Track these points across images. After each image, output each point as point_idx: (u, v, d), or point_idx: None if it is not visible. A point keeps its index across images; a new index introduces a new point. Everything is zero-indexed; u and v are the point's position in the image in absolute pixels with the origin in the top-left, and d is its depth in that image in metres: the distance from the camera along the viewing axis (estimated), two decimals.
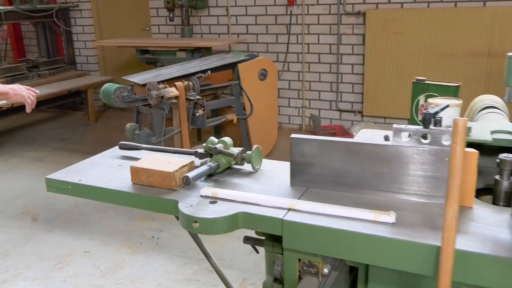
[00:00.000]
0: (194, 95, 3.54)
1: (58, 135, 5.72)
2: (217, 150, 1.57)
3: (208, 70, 3.73)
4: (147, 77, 3.69)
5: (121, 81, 6.54)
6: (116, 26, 6.41)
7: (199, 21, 5.59)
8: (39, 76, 5.87)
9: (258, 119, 4.08)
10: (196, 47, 4.58)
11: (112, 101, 3.58)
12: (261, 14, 5.29)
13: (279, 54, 5.30)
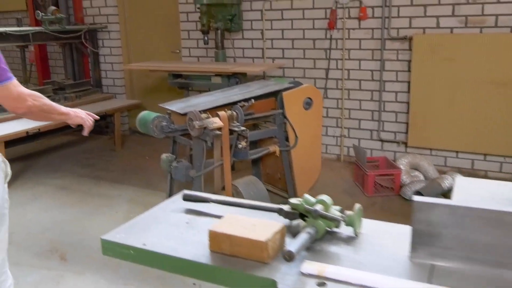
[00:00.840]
0: (239, 126, 3.28)
1: (84, 160, 5.49)
2: (319, 214, 1.27)
3: (252, 99, 3.47)
4: (187, 106, 3.44)
5: (149, 105, 6.35)
6: (144, 48, 6.23)
7: (232, 45, 5.37)
8: (66, 98, 5.68)
9: (301, 151, 3.80)
10: (233, 72, 4.34)
11: (150, 130, 3.34)
12: (298, 38, 5.05)
13: (317, 80, 5.04)
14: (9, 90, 1.88)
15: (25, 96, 1.92)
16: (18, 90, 1.91)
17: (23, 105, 1.92)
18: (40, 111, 1.99)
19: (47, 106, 2.04)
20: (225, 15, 4.93)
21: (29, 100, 1.93)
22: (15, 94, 1.89)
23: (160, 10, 5.94)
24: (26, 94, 1.93)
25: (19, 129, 4.58)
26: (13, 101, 1.91)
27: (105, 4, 6.18)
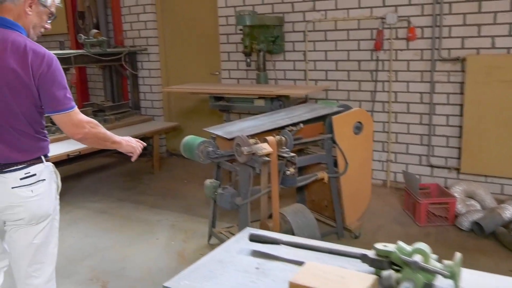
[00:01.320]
0: (288, 152, 3.12)
1: (122, 183, 5.42)
2: (419, 266, 1.09)
3: (300, 123, 3.32)
4: (233, 130, 3.31)
5: (187, 128, 6.28)
6: (183, 70, 6.18)
7: (273, 66, 5.25)
8: (105, 121, 5.65)
9: (351, 178, 3.61)
10: (277, 95, 4.21)
11: (195, 156, 3.22)
12: (342, 59, 4.90)
13: (362, 103, 4.86)
14: (70, 117, 2.01)
15: (83, 123, 2.05)
16: (78, 117, 2.05)
17: (81, 132, 2.04)
18: (95, 138, 2.11)
19: (102, 135, 2.14)
20: (267, 36, 4.83)
21: (87, 127, 2.06)
22: (75, 121, 2.03)
23: (200, 32, 5.89)
24: (84, 121, 2.06)
25: (60, 152, 4.54)
26: (73, 127, 2.03)
27: (145, 27, 6.18)
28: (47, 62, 1.94)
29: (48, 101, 1.98)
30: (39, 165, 2.06)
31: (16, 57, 1.92)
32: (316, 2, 4.91)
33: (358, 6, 4.71)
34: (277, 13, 5.13)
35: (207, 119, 6.04)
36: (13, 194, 2.00)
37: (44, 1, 2.07)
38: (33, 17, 2.05)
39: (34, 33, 2.12)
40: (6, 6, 2.01)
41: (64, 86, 1.99)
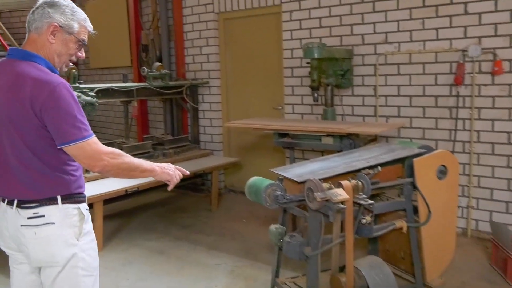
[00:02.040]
0: (365, 199, 2.78)
1: (179, 220, 5.21)
2: None
3: (378, 166, 2.98)
4: (303, 172, 3.02)
5: (246, 164, 6.04)
6: (244, 103, 6.00)
7: (340, 101, 4.95)
8: (164, 155, 5.52)
9: (433, 228, 3.20)
10: (348, 133, 3.89)
11: (261, 199, 2.93)
12: (417, 94, 4.53)
13: (439, 142, 4.45)
14: (82, 149, 1.83)
15: (100, 155, 1.86)
16: (93, 148, 1.85)
17: (98, 164, 1.86)
18: (118, 169, 1.92)
19: (127, 165, 1.94)
20: (336, 70, 4.55)
21: (105, 159, 1.87)
22: (89, 153, 1.84)
23: (263, 65, 5.71)
24: (102, 152, 1.87)
25: (118, 187, 4.41)
26: (88, 159, 1.85)
27: (207, 60, 6.08)
28: (49, 89, 1.79)
29: (54, 132, 1.82)
30: (52, 206, 1.89)
31: (17, 89, 1.80)
32: (389, 34, 4.60)
33: (435, 38, 4.35)
34: (345, 45, 4.86)
35: (268, 156, 5.80)
36: (20, 232, 1.90)
37: (69, 28, 1.95)
38: (57, 45, 1.95)
39: (60, 62, 2.00)
40: (31, 37, 1.94)
41: (71, 114, 1.80)
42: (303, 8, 5.12)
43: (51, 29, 1.91)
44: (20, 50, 1.93)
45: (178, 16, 6.18)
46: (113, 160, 1.88)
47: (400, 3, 4.49)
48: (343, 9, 4.84)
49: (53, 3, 1.93)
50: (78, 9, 2.00)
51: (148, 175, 2.05)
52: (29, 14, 1.96)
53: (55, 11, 1.91)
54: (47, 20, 1.91)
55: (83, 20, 2.00)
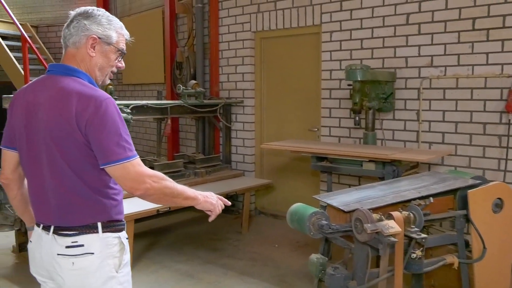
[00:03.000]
0: (417, 232, 2.59)
1: (209, 242, 5.06)
2: None
3: (431, 197, 2.79)
4: (349, 200, 2.84)
5: (279, 186, 5.88)
6: (278, 124, 5.87)
7: (381, 126, 4.77)
8: (196, 174, 5.40)
9: (487, 264, 2.98)
10: (392, 159, 3.70)
11: (305, 228, 2.76)
12: (463, 121, 4.32)
13: (487, 172, 4.21)
14: (126, 169, 1.69)
15: (143, 178, 1.71)
16: (137, 170, 1.71)
17: (141, 187, 1.70)
18: (161, 194, 1.77)
19: (170, 190, 1.80)
20: (378, 93, 4.39)
21: (148, 182, 1.72)
22: (133, 175, 1.70)
23: (300, 85, 5.58)
24: (145, 175, 1.72)
25: (150, 207, 4.28)
26: (130, 181, 1.71)
27: (242, 79, 5.98)
28: (95, 105, 1.68)
29: (97, 151, 1.70)
30: (92, 235, 1.76)
31: (62, 105, 1.69)
32: (435, 57, 4.42)
33: (485, 63, 4.16)
34: (387, 68, 4.70)
35: (301, 179, 5.64)
36: (55, 261, 1.77)
37: (108, 39, 1.85)
38: (98, 58, 1.85)
39: (102, 75, 1.89)
40: (69, 52, 1.83)
41: (116, 132, 1.69)
42: (344, 29, 4.99)
43: (90, 42, 1.81)
44: (60, 65, 1.83)
45: (214, 34, 6.12)
46: (156, 184, 1.73)
47: (448, 26, 4.31)
48: (387, 31, 4.69)
49: (88, 14, 1.84)
50: (114, 17, 1.91)
51: (190, 203, 1.91)
52: (63, 29, 1.87)
53: (91, 23, 1.82)
54: (84, 33, 1.81)
55: (120, 28, 1.91)
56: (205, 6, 6.21)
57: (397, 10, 4.62)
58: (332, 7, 5.06)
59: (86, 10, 1.85)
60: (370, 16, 4.80)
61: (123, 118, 1.76)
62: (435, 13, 4.39)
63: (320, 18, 5.16)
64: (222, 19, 6.10)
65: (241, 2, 5.88)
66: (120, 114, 1.76)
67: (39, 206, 1.83)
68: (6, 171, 1.93)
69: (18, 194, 1.99)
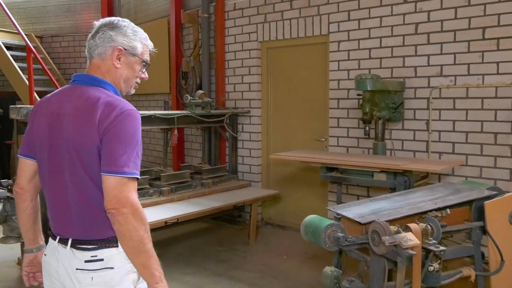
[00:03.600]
0: (436, 245, 2.54)
1: (216, 254, 5.00)
2: None
3: (447, 208, 2.75)
4: (364, 212, 2.80)
5: (286, 197, 5.84)
6: (285, 134, 5.83)
7: (390, 136, 4.73)
8: (203, 185, 5.36)
9: (505, 277, 2.92)
10: (404, 169, 3.66)
11: (320, 241, 2.71)
12: (474, 131, 4.28)
13: (498, 182, 4.16)
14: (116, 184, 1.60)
15: (127, 203, 1.60)
16: (126, 192, 1.61)
17: (119, 211, 1.60)
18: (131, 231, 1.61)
19: (140, 238, 1.63)
20: (388, 103, 4.35)
21: (128, 211, 1.60)
22: (119, 193, 1.60)
23: (307, 95, 5.55)
24: (131, 203, 1.61)
25: (157, 218, 4.24)
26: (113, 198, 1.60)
27: (248, 89, 5.96)
28: (116, 114, 1.65)
29: (103, 156, 1.64)
30: (111, 249, 1.72)
31: (86, 115, 1.66)
32: (444, 67, 4.40)
33: (496, 72, 4.13)
34: (396, 77, 4.68)
35: (308, 189, 5.60)
36: (74, 275, 1.71)
37: (134, 50, 1.83)
38: (123, 69, 1.82)
39: (127, 86, 1.87)
40: (94, 63, 1.81)
41: (129, 144, 1.63)
42: (352, 39, 4.97)
43: (115, 53, 1.79)
44: (86, 75, 1.81)
45: (220, 44, 6.11)
46: (133, 220, 1.60)
47: (457, 35, 4.29)
48: (395, 40, 4.67)
49: (113, 25, 1.82)
50: (138, 28, 1.89)
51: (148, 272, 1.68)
52: (88, 39, 1.84)
53: (117, 34, 1.80)
54: (110, 44, 1.79)
55: (145, 39, 1.89)
56: (211, 16, 6.21)
57: (405, 19, 4.60)
58: (340, 16, 5.05)
59: (111, 21, 1.83)
60: (378, 25, 4.79)
61: (139, 136, 1.70)
62: (444, 23, 4.37)
63: (328, 27, 5.15)
64: (229, 29, 6.09)
65: (248, 12, 5.87)
66: (139, 130, 1.70)
67: (57, 217, 1.79)
68: (22, 181, 1.88)
69: (30, 206, 1.94)
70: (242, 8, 5.92)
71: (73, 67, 8.38)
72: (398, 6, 4.64)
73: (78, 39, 8.33)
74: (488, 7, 4.13)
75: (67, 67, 8.41)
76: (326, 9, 5.16)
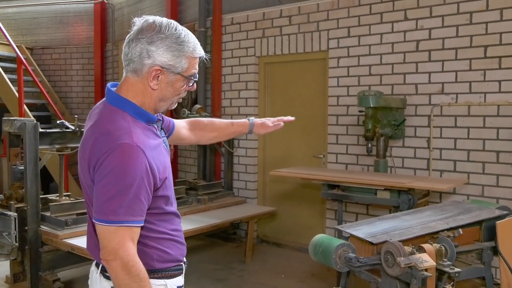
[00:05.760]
0: (451, 266, 2.47)
1: (212, 272, 4.87)
2: None
3: (460, 229, 2.68)
4: (375, 232, 2.72)
5: (282, 214, 5.74)
6: (282, 150, 5.76)
7: (390, 153, 4.68)
8: (198, 201, 5.24)
9: None
10: (409, 188, 3.60)
11: (330, 261, 2.62)
12: (476, 149, 4.26)
13: (500, 201, 4.12)
14: (102, 234, 1.46)
15: (116, 254, 1.44)
16: (113, 242, 1.44)
17: (108, 261, 1.45)
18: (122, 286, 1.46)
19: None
20: (390, 120, 4.32)
21: (118, 266, 1.43)
22: (104, 242, 1.45)
23: (304, 112, 5.49)
24: (120, 255, 1.43)
25: None
26: (102, 248, 1.47)
27: (245, 104, 5.89)
28: (107, 147, 1.44)
29: (94, 199, 1.49)
30: None
31: (84, 144, 1.55)
32: (446, 84, 4.38)
33: (498, 91, 4.13)
34: (397, 94, 4.65)
35: (305, 206, 5.53)
36: None
37: (176, 69, 1.55)
38: (162, 90, 1.57)
39: (165, 104, 1.63)
40: (129, 80, 1.58)
41: (119, 186, 1.42)
42: (352, 55, 4.95)
43: (153, 73, 1.53)
44: (113, 93, 1.60)
45: (217, 59, 6.05)
46: (124, 277, 1.44)
47: (459, 53, 4.29)
48: (396, 57, 4.66)
49: (153, 36, 1.52)
50: (186, 36, 1.56)
51: None
52: (124, 45, 1.58)
53: (157, 49, 1.51)
54: (147, 61, 1.52)
55: (192, 51, 1.57)
56: (207, 30, 6.15)
57: (406, 37, 4.60)
58: (340, 33, 5.03)
59: (152, 27, 1.53)
60: (378, 42, 4.77)
61: (137, 176, 1.45)
62: (446, 41, 4.37)
63: (327, 43, 5.12)
64: (226, 43, 6.04)
65: (246, 27, 5.83)
66: (136, 169, 1.45)
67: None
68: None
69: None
70: (239, 23, 5.88)
71: (63, 79, 8.25)
72: (399, 23, 4.63)
73: (69, 51, 8.22)
74: (490, 26, 4.14)
75: (57, 79, 8.28)
76: (325, 25, 5.13)
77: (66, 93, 8.24)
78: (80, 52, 8.19)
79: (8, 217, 3.95)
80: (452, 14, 4.32)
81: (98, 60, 7.89)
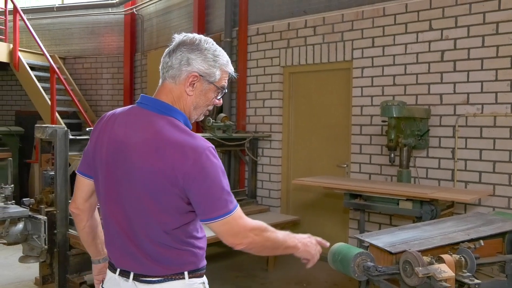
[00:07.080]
0: (470, 278, 2.45)
1: (235, 280, 4.91)
2: None
3: (481, 240, 2.66)
4: (394, 241, 2.72)
5: (305, 223, 5.75)
6: (306, 159, 5.78)
7: (414, 163, 4.66)
8: None
9: None
10: (432, 198, 3.58)
11: (349, 269, 2.63)
12: (502, 160, 4.20)
13: None
14: (229, 224, 1.59)
15: (246, 232, 1.62)
16: (239, 224, 1.61)
17: (242, 242, 1.62)
18: (261, 247, 1.69)
19: (271, 242, 1.70)
20: (413, 130, 4.30)
21: (250, 236, 1.62)
22: (235, 229, 1.61)
23: (329, 121, 5.52)
24: (248, 228, 1.62)
25: None
26: (232, 237, 1.61)
27: (270, 113, 5.95)
28: (194, 157, 1.52)
29: (198, 206, 1.58)
30: (178, 281, 1.65)
31: (156, 154, 1.54)
32: (471, 95, 4.35)
33: None
34: (421, 105, 4.63)
35: (329, 216, 5.53)
36: None
37: (210, 77, 1.67)
38: (195, 97, 1.68)
39: (196, 114, 1.72)
40: (166, 86, 1.68)
41: (218, 185, 1.55)
42: (376, 65, 4.96)
43: (190, 79, 1.65)
44: (155, 100, 1.67)
45: (242, 68, 6.14)
46: (258, 238, 1.63)
47: (485, 63, 4.25)
48: (420, 68, 4.65)
49: (194, 46, 1.66)
50: (221, 51, 1.73)
51: (290, 252, 1.81)
52: (164, 56, 1.69)
53: (196, 58, 1.64)
54: (186, 68, 1.64)
55: (225, 65, 1.72)
56: (233, 40, 6.26)
57: (431, 47, 4.58)
58: (364, 43, 5.05)
59: (192, 40, 1.67)
60: (403, 52, 4.77)
61: (223, 168, 1.62)
62: (471, 51, 4.34)
63: (352, 54, 5.15)
64: (251, 53, 6.12)
65: (271, 37, 5.91)
66: (220, 163, 1.61)
67: (116, 248, 1.70)
68: (78, 201, 1.81)
69: (87, 226, 1.88)
70: (265, 33, 5.96)
71: (94, 88, 8.49)
72: (423, 34, 4.62)
73: (100, 60, 8.46)
74: None
75: (88, 88, 8.52)
76: (350, 35, 5.16)
77: (96, 101, 8.48)
78: (110, 61, 8.43)
79: (39, 221, 4.09)
80: (478, 24, 4.30)
81: (127, 70, 8.10)
